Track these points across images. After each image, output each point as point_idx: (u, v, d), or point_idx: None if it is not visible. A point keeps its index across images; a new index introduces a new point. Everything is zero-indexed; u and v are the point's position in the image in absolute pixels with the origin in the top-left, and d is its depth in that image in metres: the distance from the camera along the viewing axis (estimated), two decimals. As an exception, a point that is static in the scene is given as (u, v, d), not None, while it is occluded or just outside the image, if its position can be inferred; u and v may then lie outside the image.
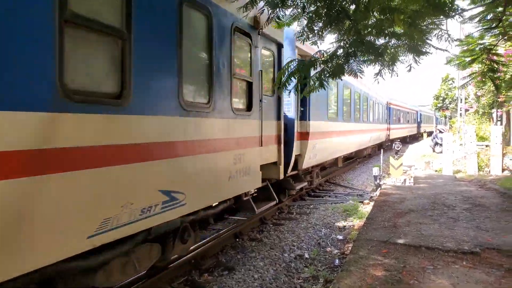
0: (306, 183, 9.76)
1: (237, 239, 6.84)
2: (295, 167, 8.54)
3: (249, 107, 6.01)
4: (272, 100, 7.00)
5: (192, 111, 4.42)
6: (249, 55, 6.05)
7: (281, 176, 7.27)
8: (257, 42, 6.20)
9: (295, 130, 8.29)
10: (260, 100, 6.27)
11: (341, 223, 8.16)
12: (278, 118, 7.21)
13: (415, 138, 42.37)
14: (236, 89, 5.66)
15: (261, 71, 6.31)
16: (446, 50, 5.40)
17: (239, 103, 5.78)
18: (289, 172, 8.10)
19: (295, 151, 8.24)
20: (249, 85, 6.02)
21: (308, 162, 9.12)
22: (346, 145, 13.83)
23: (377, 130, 20.96)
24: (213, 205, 5.66)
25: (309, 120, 8.98)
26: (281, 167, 7.21)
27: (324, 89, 5.53)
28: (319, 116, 9.91)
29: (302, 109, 8.87)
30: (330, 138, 11.14)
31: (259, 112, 6.23)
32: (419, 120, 45.25)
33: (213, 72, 4.87)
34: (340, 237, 7.13)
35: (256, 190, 7.34)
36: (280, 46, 7.33)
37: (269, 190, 7.46)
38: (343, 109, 12.81)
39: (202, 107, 4.71)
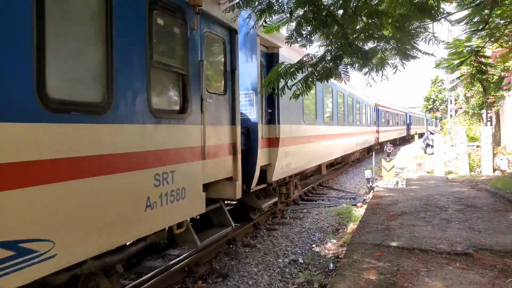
0: (276, 199, 8.29)
1: (231, 246, 6.79)
2: (264, 179, 7.57)
3: (183, 108, 4.58)
4: (223, 100, 5.63)
5: (66, 114, 2.98)
6: (182, 40, 4.63)
7: (238, 195, 5.81)
8: (195, 24, 4.79)
9: (259, 136, 7.03)
10: (202, 99, 4.86)
11: (334, 227, 8.15)
12: (233, 122, 5.84)
13: (405, 140, 42.58)
14: (159, 83, 4.28)
15: (202, 61, 4.91)
16: (432, 55, 5.45)
17: (164, 102, 4.44)
18: (254, 187, 6.94)
19: (261, 161, 7.15)
20: (184, 79, 4.59)
21: (280, 172, 8.05)
22: (329, 150, 12.63)
23: (364, 133, 20.10)
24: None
25: (278, 123, 7.80)
26: (238, 183, 5.83)
27: (309, 90, 5.47)
28: (292, 119, 8.73)
29: (270, 111, 7.77)
30: (308, 144, 9.91)
31: (200, 115, 4.82)
32: (408, 122, 45.43)
33: (114, 56, 3.45)
34: (334, 241, 7.12)
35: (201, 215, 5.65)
36: (233, 33, 5.90)
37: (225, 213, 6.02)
38: (323, 111, 11.66)
39: (91, 107, 3.28)
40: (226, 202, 7.17)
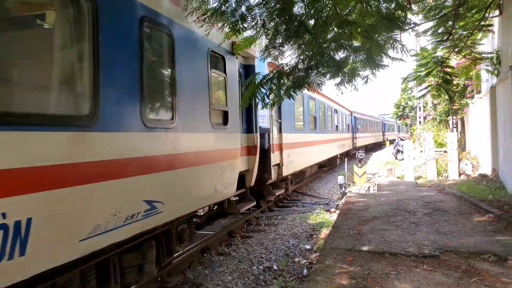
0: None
1: (205, 254, 6.75)
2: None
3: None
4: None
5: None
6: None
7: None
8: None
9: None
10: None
11: (308, 233, 8.24)
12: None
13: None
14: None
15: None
16: (402, 60, 5.65)
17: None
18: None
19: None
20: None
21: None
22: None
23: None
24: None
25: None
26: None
27: (293, 99, 5.66)
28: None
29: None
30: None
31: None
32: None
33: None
34: (308, 247, 7.20)
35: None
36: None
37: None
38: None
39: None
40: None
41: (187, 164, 5.06)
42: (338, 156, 21.34)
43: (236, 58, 6.98)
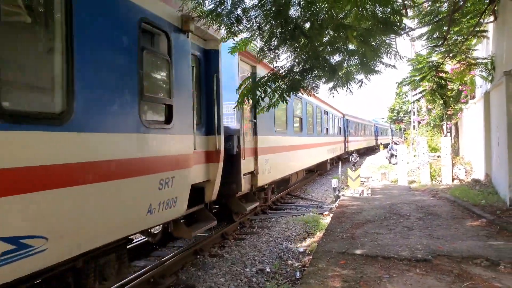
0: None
1: (198, 256, 6.71)
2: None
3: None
4: None
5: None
6: None
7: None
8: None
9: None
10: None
11: (301, 236, 8.23)
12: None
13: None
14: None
15: None
16: (394, 67, 5.68)
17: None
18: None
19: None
20: None
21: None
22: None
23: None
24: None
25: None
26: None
27: (287, 102, 5.56)
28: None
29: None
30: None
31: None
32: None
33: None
34: (301, 250, 7.19)
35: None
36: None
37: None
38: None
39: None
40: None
41: (95, 178, 3.55)
42: (328, 161, 19.87)
43: (188, 37, 5.35)
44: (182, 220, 6.12)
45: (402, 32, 5.77)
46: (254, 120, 8.53)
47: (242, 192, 7.76)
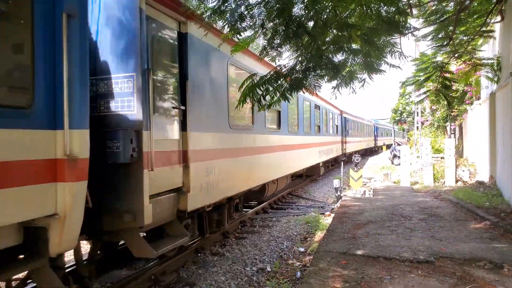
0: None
1: (199, 254, 6.70)
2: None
3: None
4: None
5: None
6: None
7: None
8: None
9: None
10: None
11: (302, 235, 8.20)
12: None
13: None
14: None
15: None
16: (398, 67, 5.63)
17: None
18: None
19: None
20: None
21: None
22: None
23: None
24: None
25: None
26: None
27: (289, 101, 5.42)
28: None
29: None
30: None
31: None
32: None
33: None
34: (302, 249, 7.16)
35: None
36: None
37: None
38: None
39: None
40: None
41: None
42: (321, 164, 17.06)
43: None
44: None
45: (407, 32, 5.73)
46: (183, 108, 5.28)
47: (151, 224, 4.56)
